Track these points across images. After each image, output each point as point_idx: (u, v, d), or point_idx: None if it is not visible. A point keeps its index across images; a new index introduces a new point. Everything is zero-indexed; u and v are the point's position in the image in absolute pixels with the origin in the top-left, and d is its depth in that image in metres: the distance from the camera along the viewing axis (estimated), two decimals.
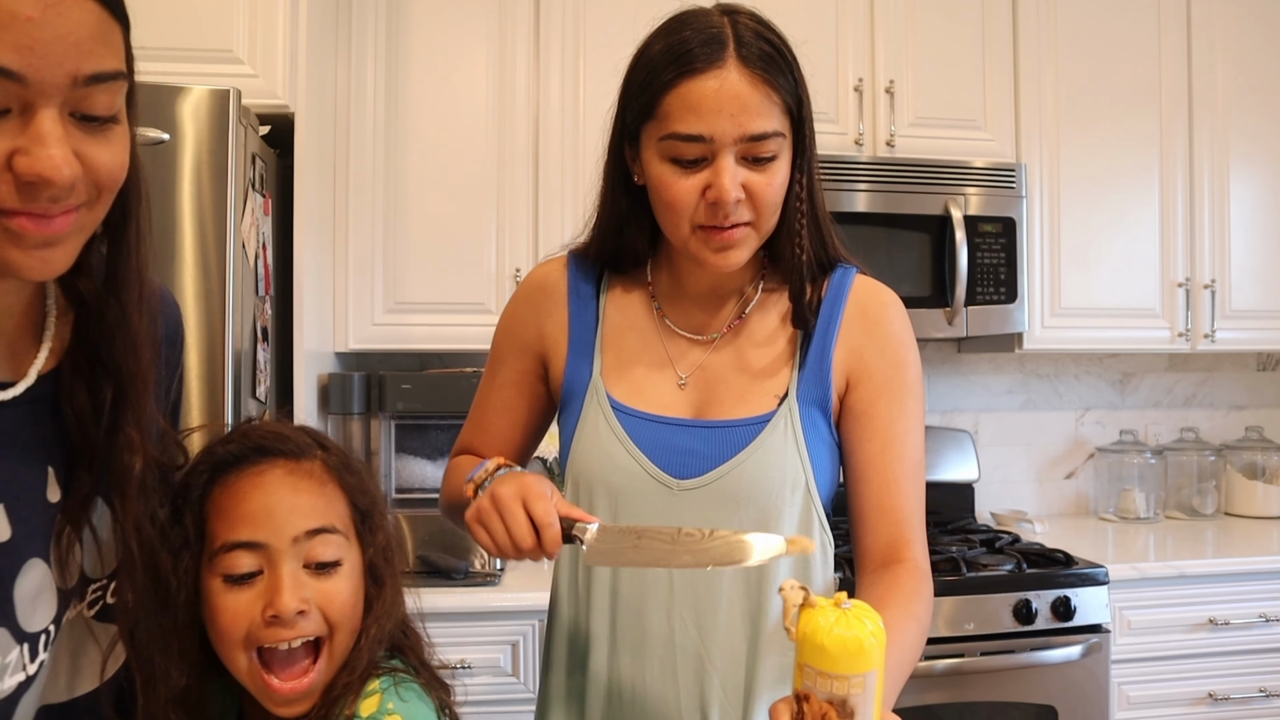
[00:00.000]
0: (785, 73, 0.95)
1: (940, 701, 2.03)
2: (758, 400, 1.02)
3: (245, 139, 1.74)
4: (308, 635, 0.80)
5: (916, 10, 2.50)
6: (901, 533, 1.01)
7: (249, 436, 0.85)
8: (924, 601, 0.97)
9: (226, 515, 0.81)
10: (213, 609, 0.80)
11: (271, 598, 0.78)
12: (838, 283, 1.06)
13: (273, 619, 0.78)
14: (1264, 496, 2.79)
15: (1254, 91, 2.66)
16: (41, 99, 0.58)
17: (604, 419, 1.04)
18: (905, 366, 1.04)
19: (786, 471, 1.00)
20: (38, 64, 0.56)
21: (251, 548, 0.80)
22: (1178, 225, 2.62)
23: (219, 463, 0.83)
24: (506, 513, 0.89)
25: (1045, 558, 2.22)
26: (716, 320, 1.07)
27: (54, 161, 0.58)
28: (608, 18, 2.39)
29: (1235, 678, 2.23)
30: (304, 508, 0.82)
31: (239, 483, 0.82)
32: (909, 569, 0.99)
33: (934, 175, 2.44)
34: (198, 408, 1.65)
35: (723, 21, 0.95)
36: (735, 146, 0.93)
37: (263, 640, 0.79)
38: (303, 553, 0.81)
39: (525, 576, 2.14)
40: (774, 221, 0.99)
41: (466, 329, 2.33)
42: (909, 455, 1.03)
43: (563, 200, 2.36)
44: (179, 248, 1.65)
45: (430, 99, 2.33)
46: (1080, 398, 2.95)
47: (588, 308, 1.09)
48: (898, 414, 1.03)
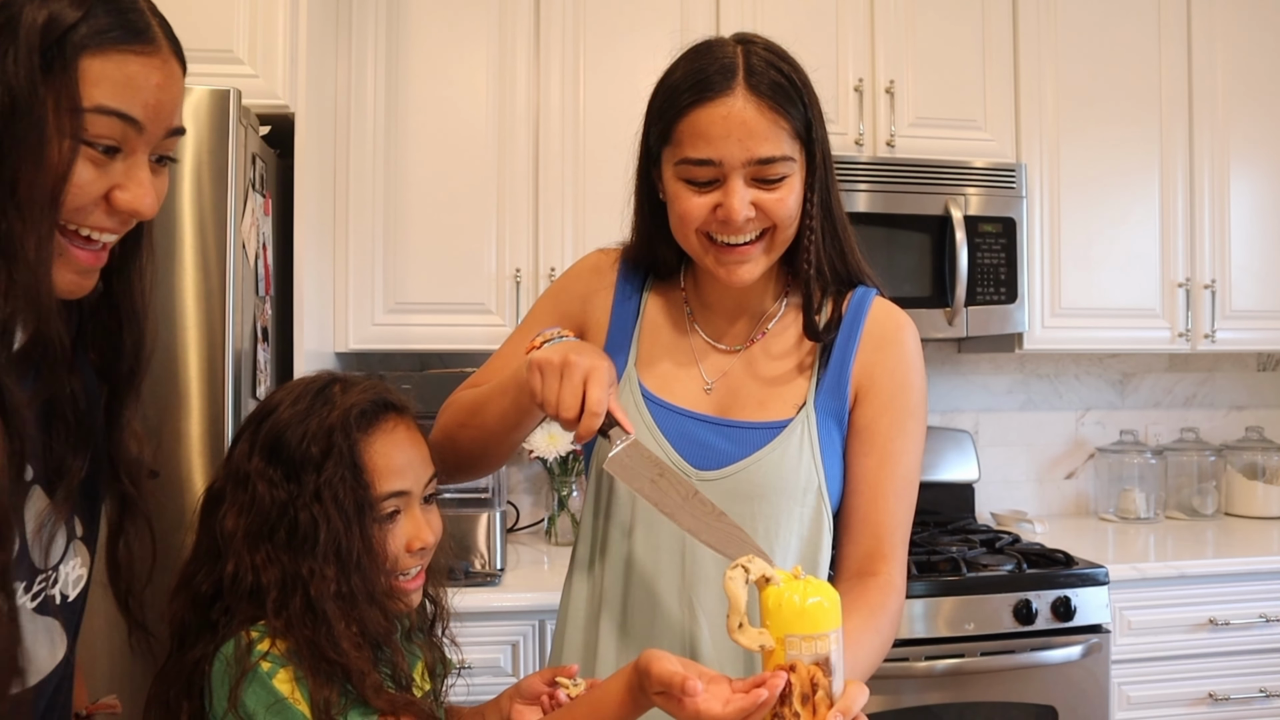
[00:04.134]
0: (794, 100, 1.00)
1: (940, 701, 2.03)
2: (777, 407, 1.07)
3: (245, 139, 1.74)
4: (429, 557, 1.03)
5: (916, 10, 2.50)
6: (880, 546, 1.05)
7: (370, 392, 1.00)
8: (889, 616, 1.01)
9: (377, 469, 0.98)
10: (379, 544, 0.97)
11: (417, 531, 1.00)
12: (858, 302, 1.11)
13: (419, 549, 1.00)
14: (1264, 497, 2.79)
15: (1254, 91, 2.66)
16: (144, 146, 0.73)
17: (634, 406, 1.09)
18: (911, 389, 1.08)
19: (800, 474, 1.04)
20: (155, 119, 0.73)
21: (399, 495, 0.99)
22: (1178, 225, 2.62)
23: (362, 418, 0.98)
24: (567, 378, 0.94)
25: (1045, 558, 2.22)
26: (741, 331, 1.13)
27: (148, 201, 0.74)
28: (608, 18, 2.39)
29: (1235, 678, 2.23)
30: (424, 458, 1.03)
31: (377, 439, 0.99)
32: (880, 583, 1.03)
33: (934, 175, 2.44)
34: (198, 408, 1.65)
35: (736, 51, 1.01)
36: (744, 169, 0.99)
37: (405, 566, 1.00)
38: (424, 493, 1.03)
39: (525, 577, 2.14)
40: (787, 237, 1.04)
41: (466, 329, 2.33)
42: (901, 474, 1.06)
43: (563, 200, 2.36)
44: (179, 248, 1.65)
45: (430, 99, 2.33)
46: (1080, 398, 2.95)
47: (631, 302, 1.16)
48: (897, 433, 1.07)
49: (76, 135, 0.69)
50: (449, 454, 1.13)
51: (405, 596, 1.01)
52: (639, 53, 2.39)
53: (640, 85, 2.72)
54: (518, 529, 2.64)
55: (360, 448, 0.97)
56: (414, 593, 1.03)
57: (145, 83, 0.71)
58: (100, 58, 0.69)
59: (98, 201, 0.72)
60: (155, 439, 0.97)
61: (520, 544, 2.51)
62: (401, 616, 1.02)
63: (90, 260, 0.74)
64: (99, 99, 0.69)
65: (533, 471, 2.68)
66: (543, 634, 1.99)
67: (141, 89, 0.71)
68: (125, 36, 0.70)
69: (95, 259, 0.75)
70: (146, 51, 0.71)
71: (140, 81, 0.71)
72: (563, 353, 0.95)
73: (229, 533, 0.95)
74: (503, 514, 2.22)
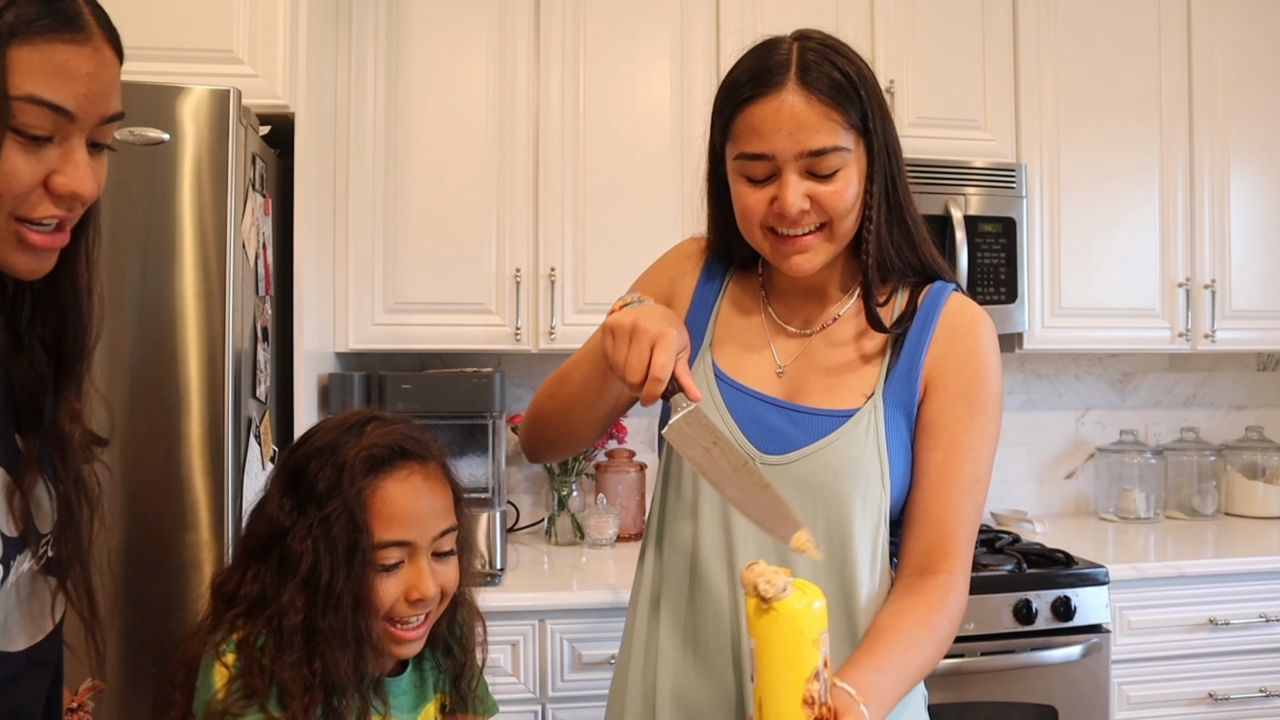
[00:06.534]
0: (848, 93, 1.01)
1: (940, 701, 2.03)
2: (845, 395, 1.07)
3: (245, 139, 1.74)
4: (432, 608, 1.02)
5: (916, 10, 2.50)
6: (943, 543, 1.03)
7: (392, 438, 1.01)
8: (948, 616, 0.99)
9: (381, 516, 0.98)
10: (367, 589, 0.97)
11: (416, 583, 0.99)
12: (934, 295, 1.10)
13: (416, 601, 0.99)
14: (1264, 496, 2.79)
15: (1254, 91, 2.66)
16: (79, 133, 0.74)
17: (706, 385, 1.10)
18: (983, 384, 1.07)
19: (864, 464, 1.03)
20: (87, 107, 0.73)
21: (401, 545, 0.99)
22: (1178, 225, 2.62)
23: (373, 463, 0.98)
24: (636, 342, 0.96)
25: (1045, 558, 2.22)
26: (813, 317, 1.14)
27: (87, 184, 0.74)
28: (608, 18, 2.39)
29: (1235, 678, 2.23)
30: (438, 510, 1.02)
31: (387, 486, 0.99)
32: (939, 581, 1.01)
33: (934, 175, 2.44)
34: (198, 408, 1.65)
35: (792, 48, 1.03)
36: (797, 162, 1.00)
37: (402, 616, 1.00)
38: (434, 547, 1.02)
39: (525, 577, 2.14)
40: (847, 228, 1.05)
41: (466, 329, 2.33)
42: (968, 470, 1.04)
43: (563, 200, 2.36)
44: (179, 248, 1.65)
45: (430, 99, 2.33)
46: (1080, 398, 2.95)
47: (712, 287, 1.19)
48: (966, 427, 1.05)
49: (4, 123, 0.69)
50: (538, 429, 1.17)
51: (398, 645, 1.01)
52: (639, 53, 2.39)
53: (640, 85, 2.73)
54: (518, 529, 2.64)
55: (366, 492, 0.97)
56: (412, 643, 1.02)
57: (76, 72, 0.71)
58: (28, 47, 0.69)
59: (37, 189, 0.73)
60: (110, 412, 0.99)
61: (520, 544, 2.51)
62: (376, 667, 1.02)
63: (44, 242, 0.75)
64: (28, 88, 0.69)
65: (533, 471, 2.68)
66: (543, 633, 1.99)
67: (73, 78, 0.71)
68: (54, 25, 0.70)
69: (49, 240, 0.75)
70: (77, 40, 0.71)
71: (71, 70, 0.71)
72: (634, 317, 0.97)
73: (239, 542, 1.01)
74: (503, 514, 2.22)
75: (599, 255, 2.36)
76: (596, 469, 2.56)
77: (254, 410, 1.81)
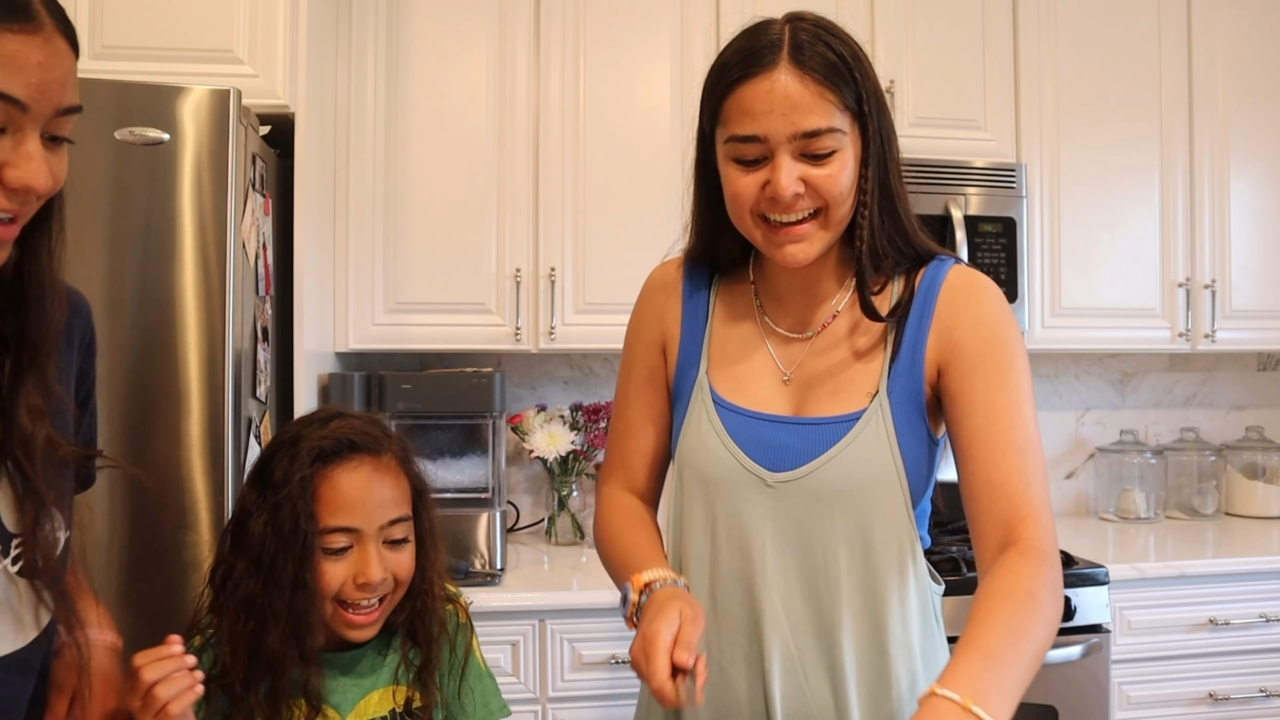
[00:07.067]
0: (842, 73, 0.97)
1: None
2: (850, 397, 1.04)
3: (245, 139, 1.74)
4: (382, 594, 1.08)
5: (916, 10, 2.50)
6: (1016, 508, 0.94)
7: (343, 431, 1.08)
8: (1048, 588, 0.89)
9: (329, 503, 1.05)
10: (314, 573, 1.03)
11: (362, 568, 1.05)
12: (932, 273, 1.06)
13: (363, 585, 1.05)
14: (1264, 496, 2.79)
15: (1254, 91, 2.66)
16: (31, 124, 0.72)
17: (706, 414, 1.08)
18: (1002, 343, 1.01)
19: (877, 468, 1.00)
20: (39, 98, 0.71)
21: (348, 531, 1.05)
22: (1178, 225, 2.62)
23: (320, 454, 1.05)
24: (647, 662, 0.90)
25: None
26: (811, 317, 1.10)
27: (41, 177, 0.73)
28: (608, 18, 2.39)
29: (1235, 678, 2.23)
30: (387, 500, 1.08)
31: (337, 475, 1.06)
32: (1022, 550, 0.92)
33: (934, 175, 2.44)
34: (197, 408, 1.65)
35: (783, 29, 0.99)
36: (790, 144, 0.97)
37: (352, 599, 1.06)
38: (383, 535, 1.07)
39: (525, 577, 2.14)
40: (842, 215, 1.01)
41: (466, 329, 2.33)
42: (1017, 429, 0.97)
43: (563, 200, 2.36)
44: (179, 248, 1.65)
45: (430, 99, 2.33)
46: (1080, 398, 2.95)
47: (699, 306, 1.15)
48: (997, 387, 0.98)
49: None
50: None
51: (350, 629, 1.08)
52: (639, 52, 2.39)
53: (640, 85, 2.73)
54: (518, 529, 2.64)
55: (316, 480, 1.05)
56: (364, 627, 1.08)
57: (26, 62, 0.70)
58: None
59: None
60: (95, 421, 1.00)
61: (520, 544, 2.51)
62: (318, 645, 1.07)
63: (4, 234, 0.74)
64: None
65: (533, 471, 2.68)
66: (543, 634, 1.99)
67: (22, 68, 0.70)
68: (2, 14, 0.69)
69: (8, 232, 0.75)
70: (26, 30, 0.70)
71: (20, 61, 0.70)
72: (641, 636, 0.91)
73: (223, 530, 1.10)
74: (503, 514, 2.22)
75: (599, 255, 2.36)
76: (596, 469, 2.56)
77: (254, 410, 1.81)
